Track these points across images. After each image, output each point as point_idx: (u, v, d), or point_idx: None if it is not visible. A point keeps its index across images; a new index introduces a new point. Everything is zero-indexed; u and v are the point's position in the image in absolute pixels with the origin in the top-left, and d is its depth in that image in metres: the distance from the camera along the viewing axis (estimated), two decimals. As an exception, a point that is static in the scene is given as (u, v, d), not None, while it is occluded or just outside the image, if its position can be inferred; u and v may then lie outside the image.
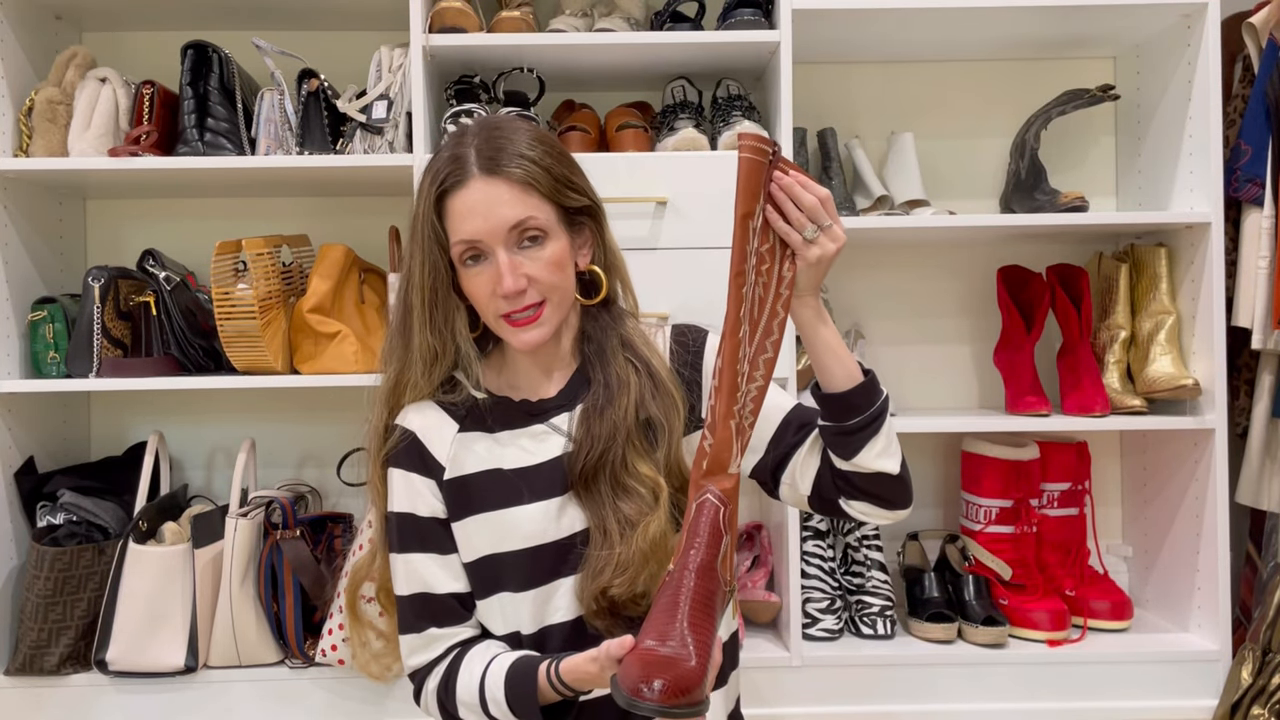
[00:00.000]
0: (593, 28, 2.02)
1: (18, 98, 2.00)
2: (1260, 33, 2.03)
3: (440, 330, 1.24)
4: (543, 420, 1.28)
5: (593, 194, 1.29)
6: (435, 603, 1.26)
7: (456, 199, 1.21)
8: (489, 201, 1.19)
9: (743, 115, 2.00)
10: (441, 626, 1.26)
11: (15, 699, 1.86)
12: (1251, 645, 1.90)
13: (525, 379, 1.31)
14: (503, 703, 1.18)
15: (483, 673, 1.20)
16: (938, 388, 2.30)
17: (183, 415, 2.22)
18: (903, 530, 2.22)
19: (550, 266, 1.22)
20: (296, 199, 2.23)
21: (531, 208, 1.21)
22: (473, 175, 1.20)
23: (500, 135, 1.23)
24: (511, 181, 1.20)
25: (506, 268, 1.19)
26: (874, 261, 2.27)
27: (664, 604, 1.05)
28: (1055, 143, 2.24)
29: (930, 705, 1.92)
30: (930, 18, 2.00)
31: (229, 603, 1.86)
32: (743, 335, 1.12)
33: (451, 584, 1.26)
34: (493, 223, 1.19)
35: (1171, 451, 2.10)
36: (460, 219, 1.21)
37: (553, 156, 1.24)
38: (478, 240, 1.20)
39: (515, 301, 1.21)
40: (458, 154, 1.22)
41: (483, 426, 1.28)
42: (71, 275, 2.15)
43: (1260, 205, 2.00)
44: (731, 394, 1.11)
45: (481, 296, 1.22)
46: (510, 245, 1.20)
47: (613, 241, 1.33)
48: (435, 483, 1.27)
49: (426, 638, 1.26)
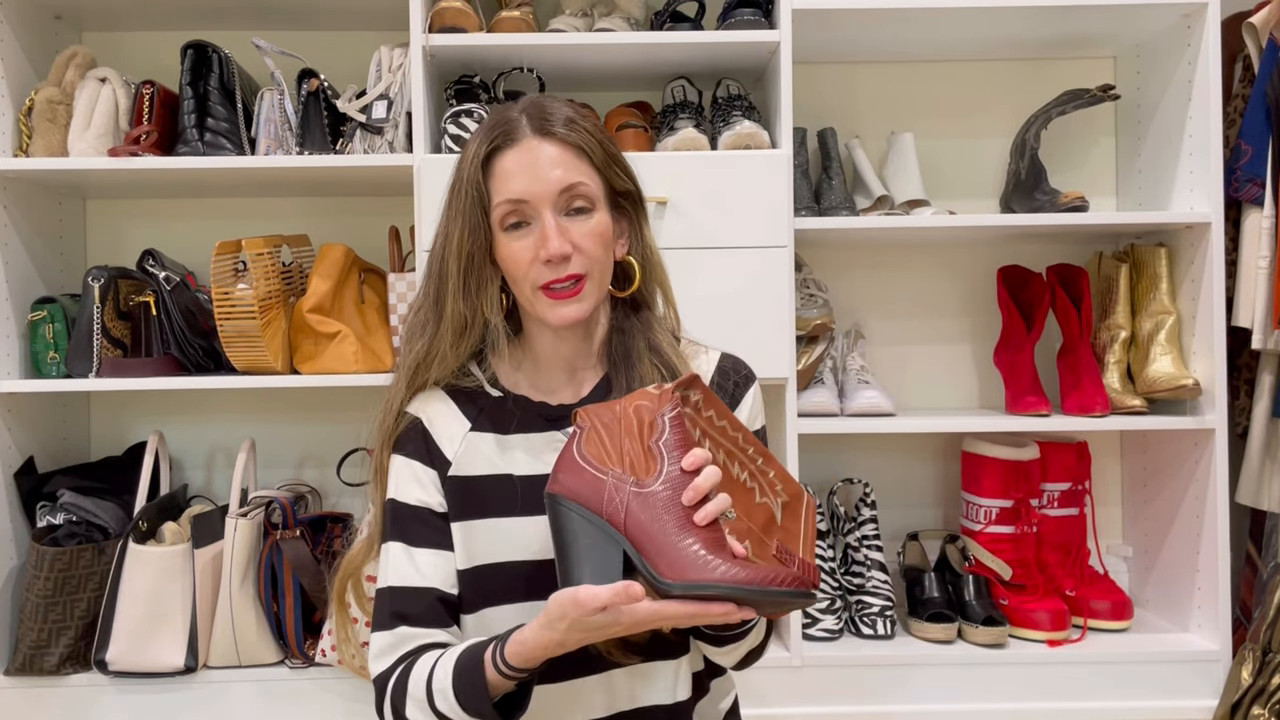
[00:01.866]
0: (593, 28, 2.02)
1: (18, 98, 2.00)
2: (1260, 33, 2.03)
3: (473, 299, 1.18)
4: (559, 427, 1.21)
5: (637, 181, 1.24)
6: (415, 597, 1.16)
7: (506, 157, 1.16)
8: (541, 161, 1.15)
9: (743, 115, 2.00)
10: (415, 626, 1.15)
11: (15, 699, 1.86)
12: (1251, 645, 1.90)
13: (546, 378, 1.24)
14: (450, 696, 1.07)
15: (433, 665, 1.10)
16: (938, 388, 2.30)
17: (183, 415, 2.22)
18: (903, 530, 2.22)
19: (596, 238, 1.16)
20: (296, 199, 2.23)
21: (583, 174, 1.16)
22: (526, 135, 1.16)
23: (552, 103, 1.20)
24: (565, 145, 1.16)
25: (553, 230, 1.14)
26: (874, 261, 2.27)
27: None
28: (1055, 143, 2.24)
29: (930, 705, 1.92)
30: (930, 18, 2.00)
31: (229, 603, 1.86)
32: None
33: (439, 582, 1.17)
34: (543, 183, 1.14)
35: (1171, 451, 2.10)
36: (508, 178, 1.15)
37: (604, 133, 1.21)
38: (525, 200, 1.15)
39: (558, 270, 1.14)
40: (508, 116, 1.18)
41: (496, 427, 1.21)
42: (71, 275, 2.15)
43: (1260, 205, 2.00)
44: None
45: (521, 264, 1.16)
46: (558, 209, 1.15)
47: (652, 241, 1.27)
48: (438, 475, 1.20)
49: (397, 636, 1.15)
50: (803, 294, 2.09)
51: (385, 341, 2.00)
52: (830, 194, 2.12)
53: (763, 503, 1.12)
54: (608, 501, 1.03)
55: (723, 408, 1.12)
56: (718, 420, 1.12)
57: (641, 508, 1.02)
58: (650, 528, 1.01)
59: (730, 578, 0.96)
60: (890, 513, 2.23)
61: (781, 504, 1.14)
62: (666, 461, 1.03)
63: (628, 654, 1.14)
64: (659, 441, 1.04)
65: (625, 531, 1.02)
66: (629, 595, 0.96)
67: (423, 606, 1.16)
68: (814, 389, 2.04)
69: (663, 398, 1.06)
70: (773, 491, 1.14)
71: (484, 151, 1.17)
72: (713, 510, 1.00)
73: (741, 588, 0.96)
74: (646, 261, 1.26)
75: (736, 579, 0.96)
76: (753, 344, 1.51)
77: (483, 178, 1.17)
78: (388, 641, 1.16)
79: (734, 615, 0.97)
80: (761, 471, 1.13)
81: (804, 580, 0.99)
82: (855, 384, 2.07)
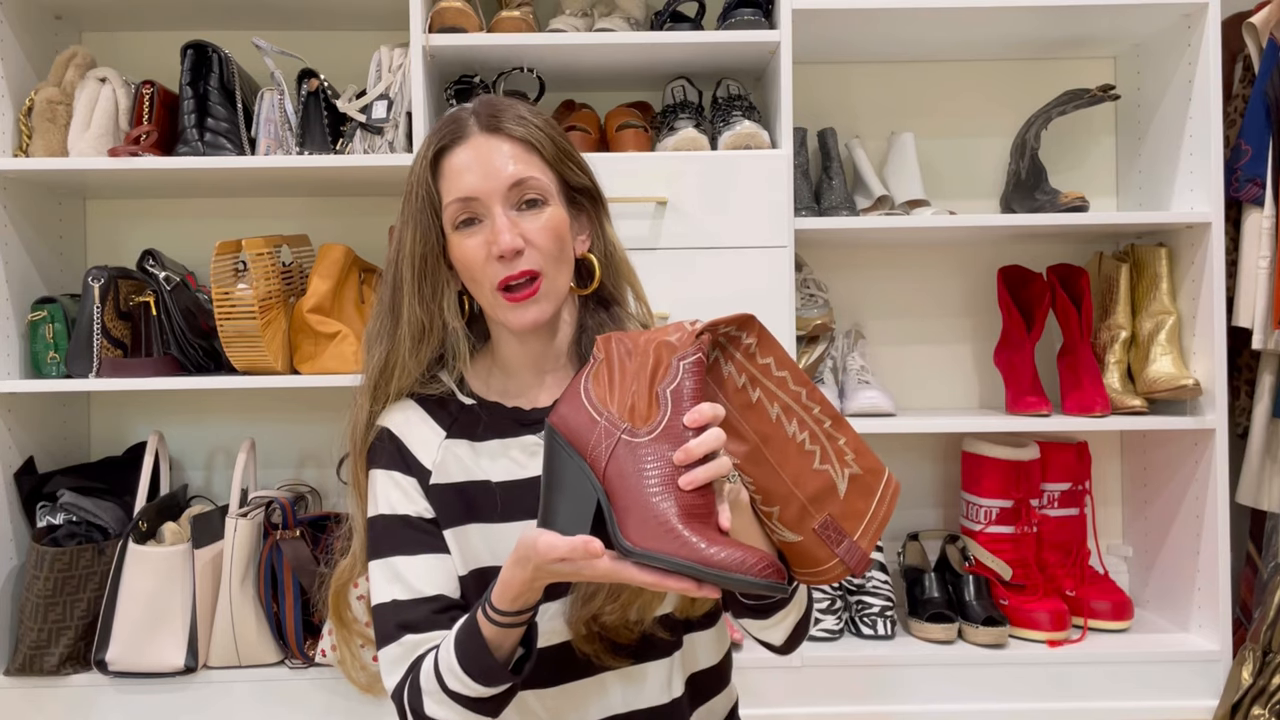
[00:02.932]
0: (593, 28, 2.02)
1: (18, 98, 2.00)
2: (1260, 33, 2.03)
3: (429, 304, 1.16)
4: (534, 431, 1.17)
5: (594, 177, 1.22)
6: (416, 606, 1.13)
7: (454, 156, 1.14)
8: (489, 157, 1.13)
9: (743, 115, 2.00)
10: (421, 631, 1.12)
11: (15, 699, 1.86)
12: (1252, 645, 1.90)
13: (516, 382, 1.21)
14: (457, 669, 1.04)
15: (436, 653, 1.08)
16: (938, 388, 2.30)
17: (183, 415, 2.22)
18: (903, 530, 2.22)
19: (548, 232, 1.13)
20: (296, 199, 2.23)
21: (534, 168, 1.14)
22: (474, 132, 1.15)
23: (501, 101, 1.18)
24: (514, 139, 1.14)
25: (504, 224, 1.11)
26: (874, 261, 2.27)
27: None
28: (1055, 143, 2.24)
29: (930, 705, 1.92)
30: (930, 18, 2.00)
31: (229, 603, 1.86)
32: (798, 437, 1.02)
33: (439, 587, 1.14)
34: (492, 179, 1.12)
35: (1171, 451, 2.10)
36: (457, 176, 1.14)
37: (554, 128, 1.19)
38: (475, 197, 1.12)
39: (511, 265, 1.12)
40: (457, 116, 1.17)
41: (470, 434, 1.19)
42: (71, 275, 2.15)
43: (1260, 205, 2.00)
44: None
45: (476, 263, 1.13)
46: (508, 205, 1.13)
47: (614, 237, 1.24)
48: (418, 482, 1.18)
49: (405, 646, 1.12)
50: (803, 294, 2.09)
51: (385, 341, 2.00)
52: (830, 194, 2.12)
53: (822, 469, 1.02)
54: (594, 445, 0.97)
55: (784, 356, 1.02)
56: (776, 370, 1.01)
57: (627, 457, 0.95)
58: (629, 481, 0.94)
59: (689, 554, 0.89)
60: (890, 513, 2.23)
61: (849, 475, 1.02)
62: (670, 412, 0.96)
63: (617, 657, 1.13)
64: (668, 388, 0.97)
65: (604, 479, 0.95)
66: (587, 552, 0.93)
67: (426, 613, 1.13)
68: (814, 389, 2.04)
69: (685, 339, 0.97)
70: (839, 460, 1.02)
71: (431, 152, 1.16)
72: (700, 476, 0.93)
73: (697, 567, 0.89)
74: (609, 259, 1.23)
75: (695, 556, 0.89)
76: (753, 344, 1.50)
77: (432, 178, 1.15)
78: (396, 653, 1.13)
79: (694, 592, 0.91)
80: (829, 435, 1.02)
81: (778, 570, 0.90)
82: (855, 384, 2.07)
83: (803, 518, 1.02)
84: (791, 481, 1.01)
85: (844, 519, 1.02)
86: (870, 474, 1.03)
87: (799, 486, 1.01)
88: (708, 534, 0.91)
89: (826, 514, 1.01)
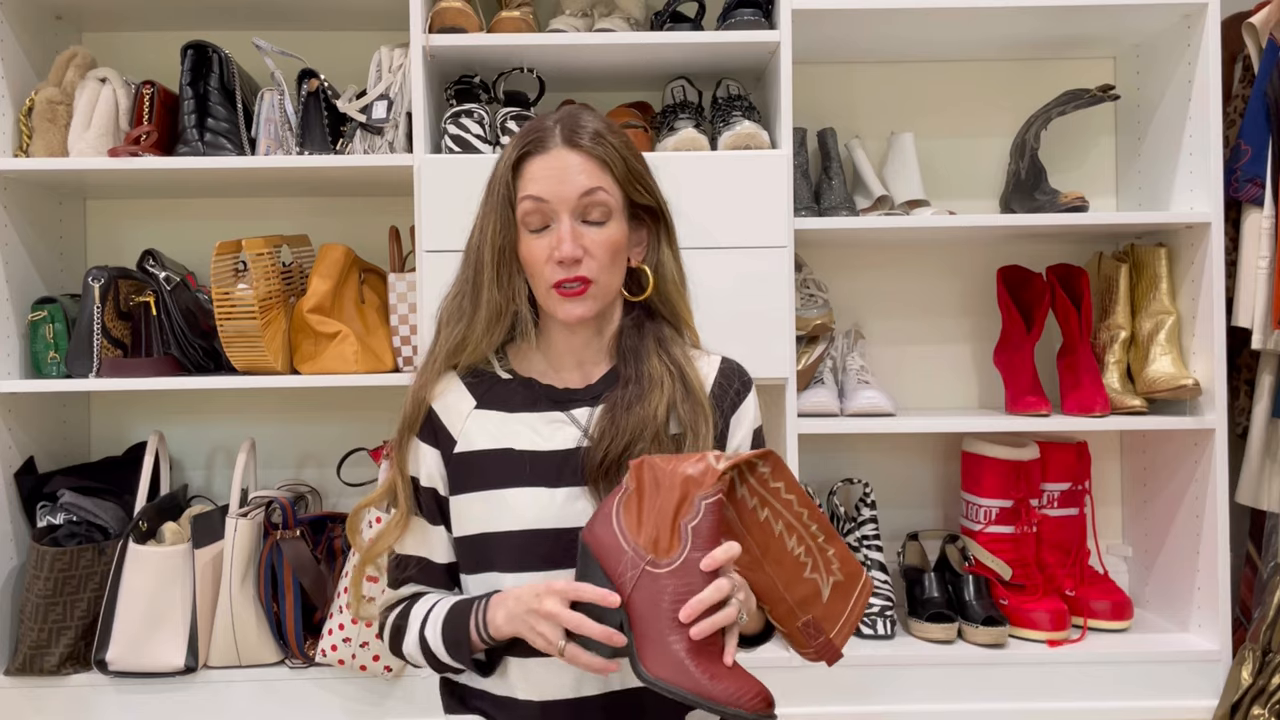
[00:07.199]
0: (593, 28, 2.02)
1: (18, 98, 2.00)
2: (1260, 33, 2.03)
3: (506, 289, 1.29)
4: (563, 409, 1.30)
5: (660, 198, 1.35)
6: (422, 565, 1.32)
7: (535, 162, 1.27)
8: (565, 168, 1.26)
9: (743, 115, 2.00)
10: (420, 584, 1.33)
11: (15, 699, 1.86)
12: (1251, 645, 1.90)
13: (556, 364, 1.34)
14: (439, 638, 1.24)
15: (431, 605, 1.28)
16: (938, 388, 2.30)
17: (183, 415, 2.22)
18: (903, 530, 2.22)
19: (606, 247, 1.27)
20: (296, 199, 2.23)
21: (604, 184, 1.27)
22: (556, 144, 1.27)
23: (585, 117, 1.31)
24: (590, 156, 1.27)
25: (568, 233, 1.25)
26: (874, 261, 2.27)
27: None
28: (1055, 143, 2.24)
29: (930, 705, 1.92)
30: (930, 18, 2.00)
31: (229, 603, 1.86)
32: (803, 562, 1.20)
33: (441, 556, 1.33)
34: (564, 187, 1.25)
35: (1171, 451, 2.10)
36: (534, 180, 1.27)
37: (631, 150, 1.31)
38: (546, 200, 1.25)
39: (568, 270, 1.25)
40: (543, 125, 1.30)
41: (501, 406, 1.31)
42: (71, 275, 2.15)
43: (1260, 205, 2.00)
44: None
45: (537, 263, 1.27)
46: (575, 214, 1.26)
47: (669, 258, 1.36)
48: (441, 455, 1.31)
49: (405, 590, 1.34)
50: (803, 294, 2.09)
51: (385, 341, 2.00)
52: (830, 194, 2.12)
53: (811, 579, 1.20)
54: (620, 573, 1.11)
55: (794, 482, 1.19)
56: (785, 493, 1.18)
57: (648, 588, 1.10)
58: (647, 612, 1.10)
59: (694, 687, 1.07)
60: (890, 513, 2.23)
61: (833, 583, 1.21)
62: (689, 547, 1.10)
63: None
64: (689, 524, 1.11)
65: (628, 604, 1.11)
66: (606, 601, 1.11)
67: (426, 570, 1.33)
68: (814, 389, 2.04)
69: (708, 475, 1.11)
70: (827, 570, 1.21)
71: (515, 155, 1.29)
72: (706, 629, 1.08)
73: (700, 700, 1.07)
74: (659, 275, 1.35)
75: (699, 690, 1.07)
76: (753, 344, 1.50)
77: (512, 178, 1.29)
78: (396, 594, 1.34)
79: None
80: (820, 549, 1.21)
81: (767, 701, 1.09)
82: (855, 384, 2.07)
83: (789, 616, 1.20)
84: (784, 586, 1.19)
85: (824, 620, 1.21)
86: (850, 579, 1.23)
87: (789, 591, 1.19)
88: (713, 668, 1.09)
89: (810, 615, 1.20)
